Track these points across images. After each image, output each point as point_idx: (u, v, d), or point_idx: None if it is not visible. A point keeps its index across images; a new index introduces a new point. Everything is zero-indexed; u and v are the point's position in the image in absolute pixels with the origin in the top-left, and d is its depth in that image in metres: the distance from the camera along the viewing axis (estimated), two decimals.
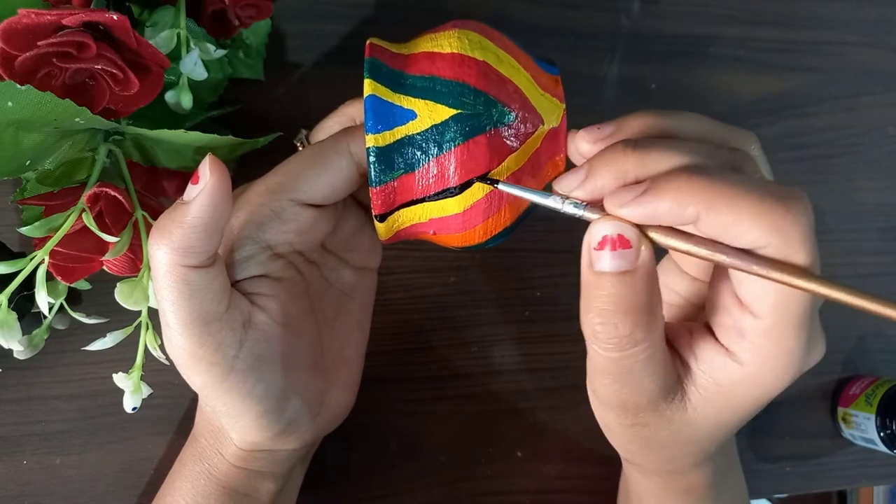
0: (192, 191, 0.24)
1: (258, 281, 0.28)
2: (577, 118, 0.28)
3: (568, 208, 0.24)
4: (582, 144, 0.25)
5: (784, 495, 0.76)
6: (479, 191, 0.25)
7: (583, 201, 0.24)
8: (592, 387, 0.26)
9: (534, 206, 0.27)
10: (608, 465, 0.40)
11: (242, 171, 0.36)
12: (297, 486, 0.34)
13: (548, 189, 0.26)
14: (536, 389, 0.41)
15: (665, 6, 0.43)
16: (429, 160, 0.25)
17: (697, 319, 0.29)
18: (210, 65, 0.32)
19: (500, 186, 0.25)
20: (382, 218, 0.27)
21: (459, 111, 0.25)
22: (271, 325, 0.27)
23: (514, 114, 0.25)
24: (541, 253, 0.41)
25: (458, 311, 0.40)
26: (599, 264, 0.22)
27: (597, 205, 0.24)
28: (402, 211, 0.27)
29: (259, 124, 0.37)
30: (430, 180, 0.25)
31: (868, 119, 0.46)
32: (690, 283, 0.29)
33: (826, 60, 0.46)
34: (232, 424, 0.28)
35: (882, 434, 0.41)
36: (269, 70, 0.37)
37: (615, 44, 0.43)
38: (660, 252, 0.23)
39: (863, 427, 0.42)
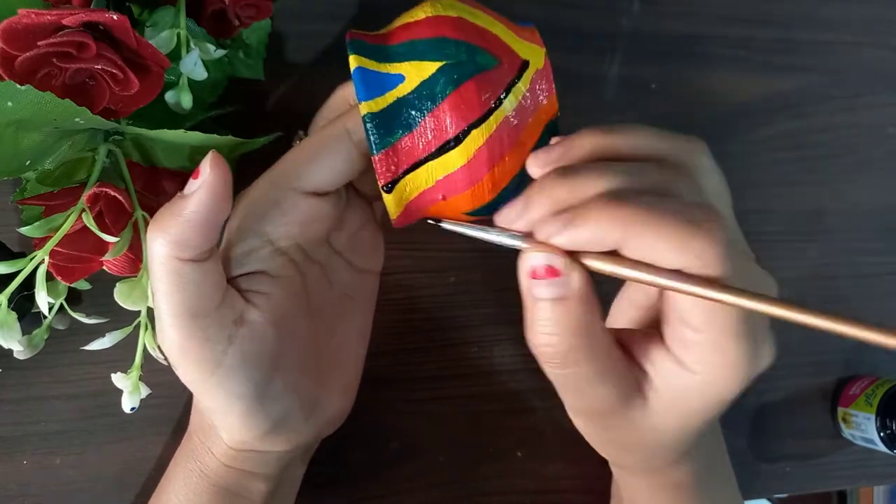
0: (191, 186, 0.24)
1: (256, 278, 0.28)
2: (578, 118, 0.28)
3: (505, 240, 0.25)
4: (533, 170, 0.26)
5: (784, 495, 0.76)
6: (479, 137, 0.26)
7: (522, 233, 0.25)
8: (561, 397, 0.27)
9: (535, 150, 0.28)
10: (608, 465, 0.40)
11: (242, 171, 0.36)
12: (293, 489, 0.34)
13: (487, 221, 0.27)
14: (536, 389, 0.41)
15: (665, 6, 0.43)
16: (424, 116, 0.26)
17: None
18: (210, 65, 0.32)
19: (444, 225, 0.27)
20: (390, 188, 0.27)
21: (444, 62, 0.26)
22: (264, 323, 0.27)
23: (497, 58, 0.26)
24: None
25: (458, 311, 0.40)
26: (535, 291, 0.23)
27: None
28: (407, 178, 0.27)
29: (259, 124, 0.37)
30: (430, 135, 0.26)
31: (868, 119, 0.46)
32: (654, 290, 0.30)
33: (826, 60, 0.46)
34: (219, 421, 0.28)
35: (882, 434, 0.41)
36: (269, 70, 0.37)
37: (615, 44, 0.43)
38: None
39: (863, 427, 0.42)
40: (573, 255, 0.23)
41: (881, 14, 0.47)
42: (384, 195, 0.27)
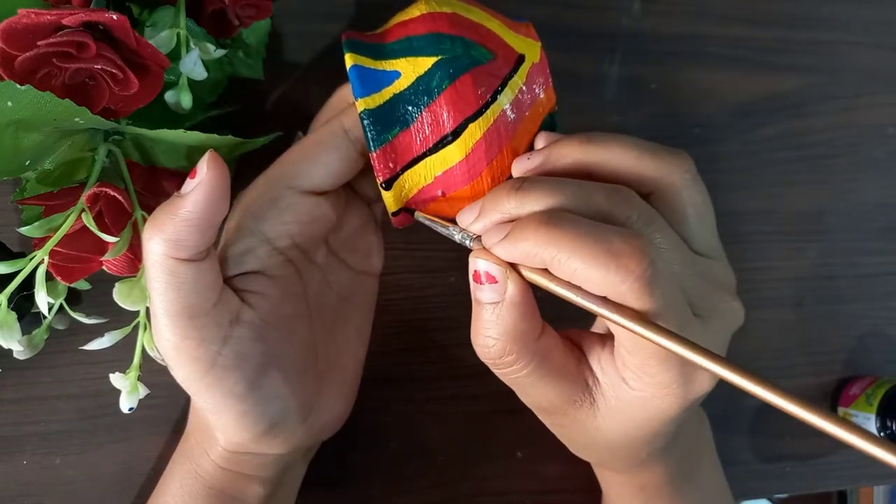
0: (188, 185, 0.24)
1: (253, 278, 0.27)
2: (578, 118, 0.28)
3: (462, 240, 0.26)
4: (515, 174, 0.27)
5: (784, 495, 0.76)
6: (476, 131, 0.26)
7: (476, 235, 0.25)
8: None
9: (531, 149, 0.28)
10: None
11: (242, 172, 0.36)
12: (292, 492, 0.34)
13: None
14: None
15: (665, 6, 0.43)
16: (421, 111, 0.26)
17: None
18: (210, 65, 0.32)
19: (417, 216, 0.28)
20: (388, 185, 0.27)
21: (440, 57, 0.26)
22: (260, 324, 0.27)
23: (493, 53, 0.26)
24: None
25: (458, 311, 0.40)
26: (476, 293, 0.25)
27: None
28: (406, 174, 0.27)
29: (259, 124, 0.37)
30: (427, 131, 0.26)
31: (868, 119, 0.46)
32: None
33: (826, 60, 0.46)
34: (214, 422, 0.28)
35: (882, 434, 0.41)
36: (269, 70, 0.37)
37: (615, 44, 0.43)
38: None
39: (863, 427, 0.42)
40: (515, 266, 0.24)
41: (881, 14, 0.47)
42: (383, 192, 0.27)
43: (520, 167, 0.26)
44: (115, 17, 0.25)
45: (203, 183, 0.24)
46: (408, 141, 0.26)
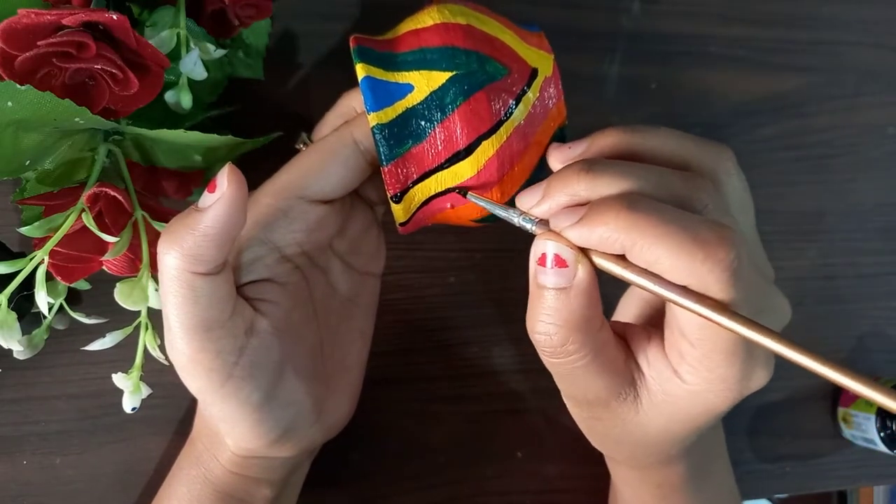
0: (207, 199, 0.23)
1: (263, 286, 0.27)
2: (578, 118, 0.28)
3: (523, 223, 0.24)
4: (553, 164, 0.26)
5: (784, 495, 0.76)
6: (489, 148, 0.25)
7: (538, 218, 0.24)
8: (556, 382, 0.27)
9: (542, 164, 0.28)
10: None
11: (242, 172, 0.36)
12: (295, 492, 0.34)
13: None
14: (536, 389, 0.41)
15: (665, 6, 0.43)
16: (434, 127, 0.25)
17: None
18: (210, 65, 0.32)
19: (470, 197, 0.26)
20: (398, 198, 0.27)
21: (455, 72, 0.25)
22: (273, 332, 0.27)
23: (507, 68, 0.26)
24: None
25: (458, 311, 0.40)
26: (541, 278, 0.23)
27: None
28: (416, 188, 0.27)
29: (259, 124, 0.37)
30: (440, 146, 0.26)
31: (868, 119, 0.46)
32: None
33: (826, 60, 0.46)
34: (228, 430, 0.28)
35: (882, 434, 0.41)
36: (269, 70, 0.37)
37: (615, 44, 0.43)
38: None
39: (863, 427, 0.42)
40: (584, 250, 0.23)
41: (881, 14, 0.47)
42: (392, 205, 0.27)
43: (561, 156, 0.26)
44: (115, 17, 0.25)
45: (224, 198, 0.23)
46: (420, 156, 0.26)
